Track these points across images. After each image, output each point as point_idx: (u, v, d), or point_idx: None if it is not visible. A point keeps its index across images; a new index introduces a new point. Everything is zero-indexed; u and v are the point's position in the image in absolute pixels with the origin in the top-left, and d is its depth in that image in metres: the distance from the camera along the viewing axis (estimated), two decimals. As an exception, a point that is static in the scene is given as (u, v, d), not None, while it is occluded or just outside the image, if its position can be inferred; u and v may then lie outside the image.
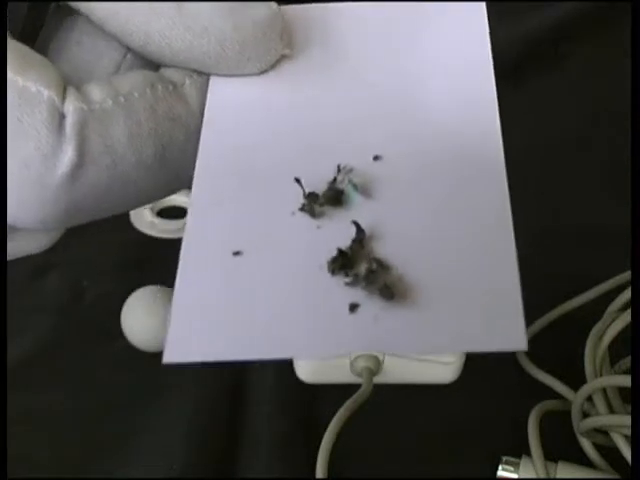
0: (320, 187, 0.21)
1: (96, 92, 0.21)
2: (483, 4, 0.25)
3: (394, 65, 0.24)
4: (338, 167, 0.21)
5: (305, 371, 0.34)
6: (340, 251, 0.19)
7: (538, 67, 0.48)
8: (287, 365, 0.34)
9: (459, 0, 0.25)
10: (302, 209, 0.20)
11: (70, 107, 0.20)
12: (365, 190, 0.21)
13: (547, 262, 0.37)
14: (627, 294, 0.31)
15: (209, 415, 0.35)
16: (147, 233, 0.42)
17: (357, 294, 0.19)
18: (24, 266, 0.40)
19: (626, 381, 0.28)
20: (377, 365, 0.32)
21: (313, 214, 0.20)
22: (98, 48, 0.23)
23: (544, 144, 0.43)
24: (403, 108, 0.23)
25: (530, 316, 0.36)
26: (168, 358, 0.18)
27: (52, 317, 0.39)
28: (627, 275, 0.33)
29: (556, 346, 0.34)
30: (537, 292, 0.35)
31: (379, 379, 0.32)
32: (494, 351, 0.17)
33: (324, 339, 0.18)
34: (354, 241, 0.20)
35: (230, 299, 0.19)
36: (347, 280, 0.19)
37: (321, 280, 0.19)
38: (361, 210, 0.20)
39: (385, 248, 0.20)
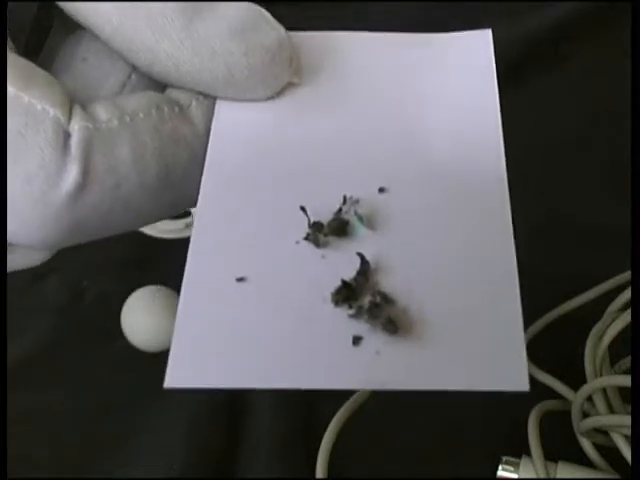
0: (325, 216, 0.21)
1: (102, 112, 0.21)
2: (489, 31, 0.25)
3: (400, 95, 0.24)
4: (344, 198, 0.21)
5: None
6: (344, 282, 0.19)
7: (538, 67, 0.48)
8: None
9: (465, 28, 0.25)
10: (307, 238, 0.20)
11: (75, 126, 0.20)
12: (370, 222, 0.21)
13: (547, 262, 0.37)
14: (627, 294, 0.31)
15: (209, 415, 0.35)
16: (147, 233, 0.42)
17: (360, 327, 0.19)
18: (24, 266, 0.40)
19: (626, 381, 0.28)
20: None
21: (317, 244, 0.20)
22: (103, 66, 0.23)
23: (544, 144, 0.43)
24: (409, 139, 0.23)
25: (530, 316, 0.36)
26: (169, 383, 0.18)
27: (52, 317, 0.39)
28: (627, 275, 0.33)
29: (556, 346, 0.34)
30: (537, 292, 0.35)
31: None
32: (495, 390, 0.18)
33: (325, 371, 0.18)
34: (358, 273, 0.20)
35: (232, 326, 0.19)
36: (350, 312, 0.19)
37: (324, 311, 0.19)
38: (366, 242, 0.20)
39: (389, 281, 0.20)
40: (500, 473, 0.30)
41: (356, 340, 0.18)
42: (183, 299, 0.19)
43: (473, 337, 0.19)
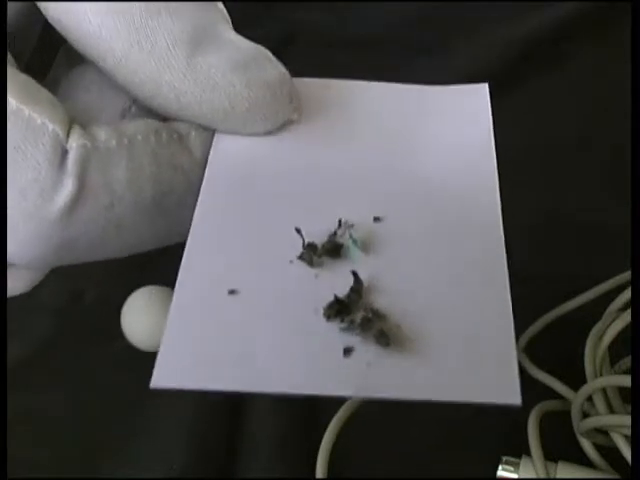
0: (320, 239, 0.21)
1: (100, 132, 0.21)
2: (485, 85, 0.26)
3: (397, 139, 0.25)
4: (339, 222, 0.22)
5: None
6: (337, 298, 0.20)
7: (538, 67, 0.48)
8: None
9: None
10: (301, 257, 0.21)
11: (74, 143, 0.20)
12: (365, 246, 0.21)
13: (547, 262, 0.37)
14: (627, 294, 0.31)
15: (209, 415, 0.35)
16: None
17: (352, 339, 0.19)
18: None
19: (626, 381, 0.28)
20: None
21: (311, 263, 0.21)
22: (105, 97, 0.23)
23: (544, 144, 0.43)
24: (403, 177, 0.23)
25: (530, 316, 0.37)
26: (155, 383, 0.19)
27: (52, 317, 0.39)
28: (627, 275, 0.33)
29: (556, 346, 0.34)
30: (537, 292, 0.35)
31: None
32: (487, 404, 0.18)
33: (314, 378, 0.18)
34: (352, 290, 0.20)
35: (222, 333, 0.19)
36: (342, 326, 0.19)
37: (315, 323, 0.19)
38: (360, 264, 0.21)
39: (382, 299, 0.20)
40: (500, 473, 0.30)
41: (347, 351, 0.19)
42: (175, 302, 0.20)
43: (465, 351, 0.19)
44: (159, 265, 0.40)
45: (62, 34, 0.21)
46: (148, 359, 0.36)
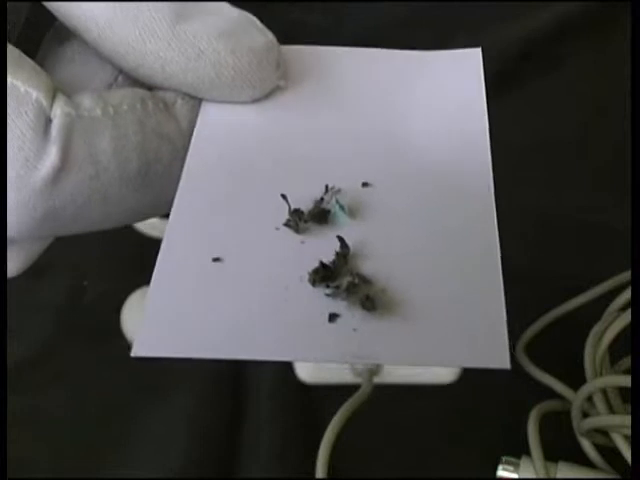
0: (306, 205, 0.21)
1: (85, 101, 0.20)
2: (479, 50, 0.25)
3: (386, 104, 0.24)
4: (326, 187, 0.21)
5: (305, 372, 0.34)
6: (322, 264, 0.19)
7: (538, 67, 0.48)
8: (287, 366, 0.34)
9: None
10: (287, 224, 0.20)
11: (58, 111, 0.20)
12: (352, 212, 0.21)
13: (547, 262, 0.37)
14: (627, 294, 0.31)
15: (209, 415, 0.35)
16: (148, 233, 0.42)
17: (338, 305, 0.19)
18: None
19: (626, 381, 0.28)
20: (377, 366, 0.32)
21: (297, 230, 0.20)
22: (90, 68, 0.23)
23: (544, 144, 0.43)
24: (393, 141, 0.23)
25: (530, 316, 0.36)
26: (137, 352, 0.18)
27: (52, 317, 0.39)
28: (627, 275, 0.33)
29: (556, 346, 0.34)
30: (537, 292, 0.35)
31: (379, 379, 0.32)
32: (475, 367, 0.17)
33: (300, 345, 0.18)
34: (337, 255, 0.20)
35: (206, 300, 0.19)
36: (328, 291, 0.19)
37: (301, 289, 0.19)
38: (346, 230, 0.20)
39: (369, 265, 0.20)
40: (500, 473, 0.30)
41: (332, 317, 0.18)
42: (157, 273, 0.19)
43: (454, 315, 0.19)
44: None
45: (46, 6, 0.21)
46: (148, 359, 0.36)
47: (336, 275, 0.19)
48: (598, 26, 0.50)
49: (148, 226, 0.42)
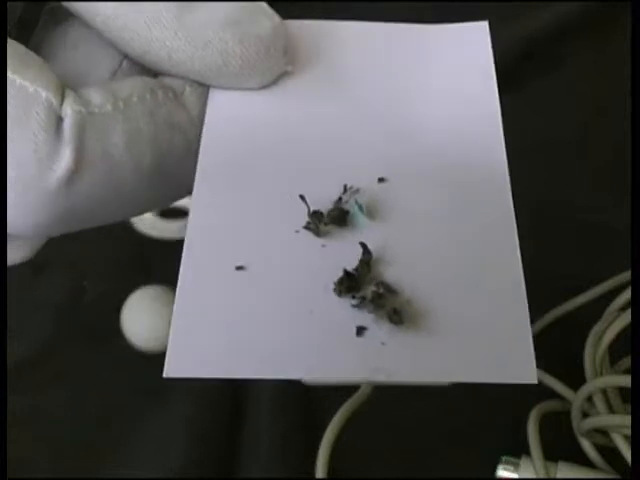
0: (325, 206, 0.20)
1: (95, 96, 0.20)
2: (486, 23, 0.25)
3: (397, 85, 0.24)
4: (345, 187, 0.21)
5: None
6: (346, 272, 0.19)
7: (538, 67, 0.48)
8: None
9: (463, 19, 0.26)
10: (307, 227, 0.20)
11: (68, 110, 0.19)
12: (370, 212, 0.20)
13: (547, 262, 0.37)
14: (627, 294, 0.31)
15: (209, 415, 0.34)
16: (148, 233, 0.42)
17: (364, 317, 0.18)
18: (24, 266, 0.40)
19: (626, 381, 0.28)
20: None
21: (318, 233, 0.20)
22: (94, 54, 0.22)
23: (544, 144, 0.43)
24: (407, 129, 0.22)
25: (530, 316, 0.36)
26: (168, 373, 0.17)
27: (52, 317, 0.39)
28: (627, 275, 0.33)
29: (556, 346, 0.34)
30: (537, 292, 0.35)
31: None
32: (504, 383, 0.17)
33: (329, 362, 0.18)
34: (361, 262, 0.19)
35: (232, 314, 0.18)
36: (354, 302, 0.19)
37: (327, 301, 0.19)
38: (367, 232, 0.20)
39: (392, 272, 0.19)
40: (500, 473, 0.30)
41: (360, 330, 0.18)
42: (180, 287, 0.19)
43: (480, 329, 0.18)
44: (159, 265, 0.40)
45: None
46: (148, 359, 0.36)
47: (360, 284, 0.19)
48: (598, 26, 0.50)
49: (148, 226, 0.42)
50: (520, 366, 0.18)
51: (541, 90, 0.47)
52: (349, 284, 0.19)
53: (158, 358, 0.18)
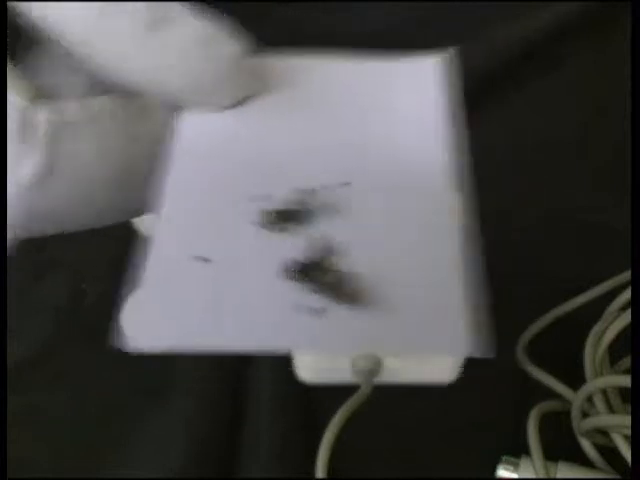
0: (286, 205, 0.22)
1: (68, 107, 0.21)
2: (437, 59, 0.29)
3: (355, 108, 0.27)
4: (304, 187, 0.23)
5: (305, 372, 0.34)
6: (300, 260, 0.21)
7: (538, 67, 0.48)
8: (287, 366, 0.34)
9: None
10: (266, 224, 0.22)
11: (42, 118, 0.20)
12: (330, 211, 0.23)
13: (547, 262, 0.37)
14: (627, 294, 0.31)
15: (209, 415, 0.35)
16: (148, 234, 0.42)
17: (315, 299, 0.20)
18: (24, 266, 0.40)
19: (626, 381, 0.28)
20: (377, 365, 0.32)
21: (277, 229, 0.22)
22: (72, 69, 0.23)
23: (544, 144, 0.43)
24: (365, 144, 0.25)
25: (530, 316, 0.36)
26: (124, 346, 0.20)
27: (52, 317, 0.39)
28: (627, 275, 0.33)
29: (556, 346, 0.34)
30: (537, 292, 0.35)
31: (379, 379, 0.32)
32: (439, 354, 0.21)
33: (283, 337, 0.20)
34: (317, 253, 0.21)
35: (191, 297, 0.20)
36: (304, 286, 0.20)
37: (279, 285, 0.21)
38: (325, 228, 0.22)
39: (345, 261, 0.21)
40: (500, 473, 0.30)
41: (316, 312, 0.20)
42: (147, 270, 0.22)
43: (421, 310, 0.21)
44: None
45: (27, 13, 0.21)
46: (148, 359, 0.36)
47: (317, 271, 0.21)
48: (598, 26, 0.50)
49: (148, 227, 0.42)
50: (452, 340, 0.20)
51: (541, 90, 0.47)
52: (305, 271, 0.21)
53: (158, 358, 0.18)
